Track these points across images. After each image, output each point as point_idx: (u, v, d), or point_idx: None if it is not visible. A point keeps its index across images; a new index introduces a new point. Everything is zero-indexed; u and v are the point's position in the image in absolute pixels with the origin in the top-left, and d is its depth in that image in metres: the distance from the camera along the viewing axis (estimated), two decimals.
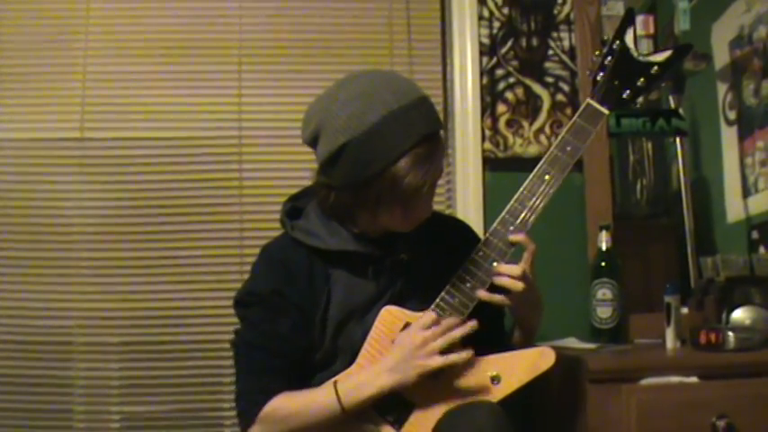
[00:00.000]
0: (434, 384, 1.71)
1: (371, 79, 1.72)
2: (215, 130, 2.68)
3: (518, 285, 1.72)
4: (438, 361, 1.66)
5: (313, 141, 1.75)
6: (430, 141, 1.68)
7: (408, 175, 1.65)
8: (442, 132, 1.78)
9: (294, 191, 1.98)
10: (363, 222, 1.80)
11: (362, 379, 1.71)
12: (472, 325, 1.69)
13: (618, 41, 1.78)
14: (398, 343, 1.71)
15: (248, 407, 1.75)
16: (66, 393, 2.56)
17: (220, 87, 2.70)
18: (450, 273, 1.76)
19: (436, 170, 1.71)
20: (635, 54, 1.77)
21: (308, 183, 1.92)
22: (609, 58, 1.78)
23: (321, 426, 1.71)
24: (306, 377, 1.79)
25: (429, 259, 1.85)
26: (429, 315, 1.71)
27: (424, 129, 1.68)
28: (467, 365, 1.71)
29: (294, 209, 1.91)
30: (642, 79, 1.76)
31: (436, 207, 2.10)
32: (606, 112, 1.76)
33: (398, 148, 1.65)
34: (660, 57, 1.77)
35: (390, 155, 1.65)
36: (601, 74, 1.78)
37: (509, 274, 1.73)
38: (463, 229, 2.06)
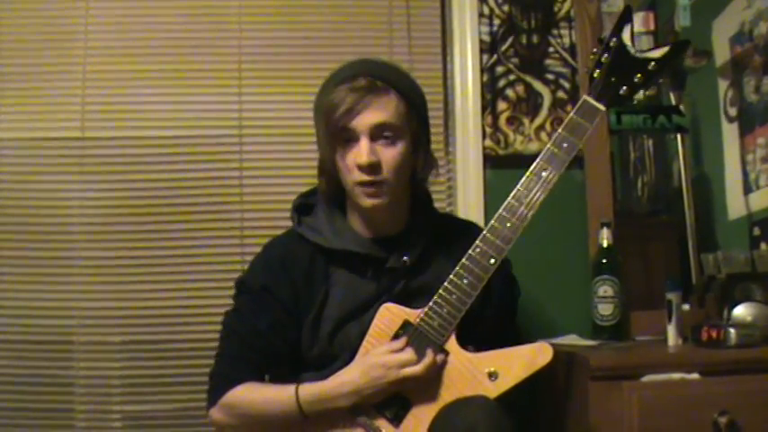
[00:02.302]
0: (432, 381, 1.72)
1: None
2: (215, 129, 2.68)
3: None
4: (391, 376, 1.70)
5: None
6: (361, 78, 1.79)
7: (330, 105, 1.77)
8: (395, 88, 1.82)
9: (294, 189, 2.02)
10: (339, 183, 1.87)
11: (324, 392, 1.74)
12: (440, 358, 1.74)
13: (615, 38, 1.78)
14: (365, 367, 1.73)
15: (214, 388, 1.84)
16: (68, 392, 2.56)
17: (221, 86, 2.69)
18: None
19: (362, 107, 1.77)
20: (632, 51, 1.77)
21: (309, 180, 1.95)
22: (606, 54, 1.78)
23: (280, 422, 1.77)
24: (289, 372, 1.84)
25: (434, 263, 1.87)
26: (400, 344, 1.73)
27: (356, 70, 1.82)
28: (464, 362, 1.72)
29: (304, 205, 1.95)
30: (639, 75, 1.75)
31: (438, 204, 2.10)
32: (603, 108, 1.76)
33: (330, 85, 1.81)
34: (657, 53, 1.76)
35: (324, 93, 1.81)
36: (597, 71, 1.78)
37: None
38: (472, 231, 2.03)
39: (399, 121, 1.80)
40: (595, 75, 1.78)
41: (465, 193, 2.63)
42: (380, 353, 1.71)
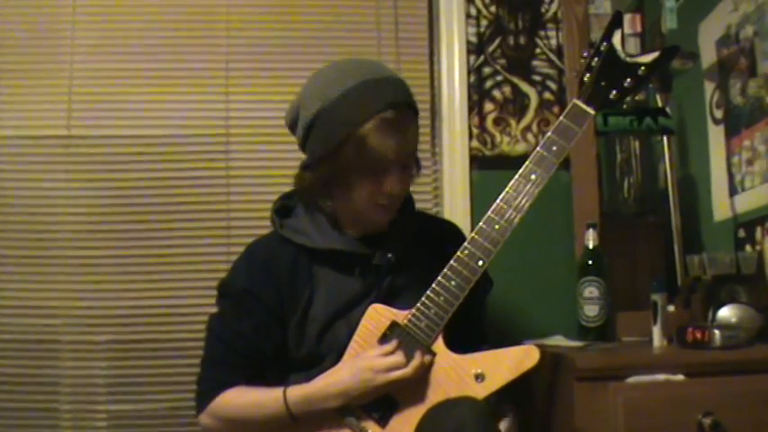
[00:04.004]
0: (419, 382, 1.72)
1: (350, 60, 1.85)
2: (202, 128, 2.67)
3: None
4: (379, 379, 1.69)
5: (292, 124, 1.86)
6: (398, 110, 1.74)
7: (373, 138, 1.72)
8: (416, 112, 1.83)
9: (281, 188, 2.01)
10: (339, 203, 1.84)
11: (312, 393, 1.74)
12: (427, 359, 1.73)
13: (605, 43, 1.79)
14: (354, 369, 1.73)
15: (202, 394, 1.84)
16: (53, 392, 2.55)
17: (208, 85, 2.69)
18: (437, 273, 1.76)
19: (404, 142, 1.76)
20: (622, 55, 1.78)
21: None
22: (596, 59, 1.79)
23: (270, 425, 1.77)
24: (276, 373, 1.84)
25: (416, 260, 1.87)
26: (391, 346, 1.72)
27: (392, 96, 1.75)
28: (451, 364, 1.73)
29: (284, 207, 1.94)
30: (629, 80, 1.76)
31: (424, 205, 2.11)
32: (592, 112, 1.76)
33: (365, 111, 1.72)
34: (647, 58, 1.77)
35: (357, 117, 1.72)
36: (588, 74, 1.79)
37: None
38: (452, 230, 2.07)
39: (417, 145, 1.84)
40: (585, 78, 1.79)
41: (451, 193, 2.63)
42: (370, 356, 1.71)
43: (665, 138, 2.52)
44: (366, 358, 1.72)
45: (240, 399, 1.80)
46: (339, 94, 1.75)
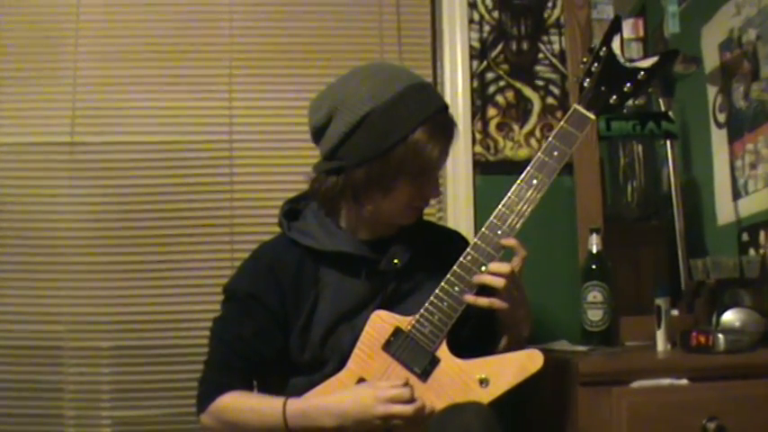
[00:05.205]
0: (423, 388, 1.72)
1: (383, 64, 1.89)
2: (206, 134, 2.67)
3: (498, 281, 1.73)
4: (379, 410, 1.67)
5: (324, 124, 1.80)
6: (445, 114, 1.80)
7: (429, 142, 1.74)
8: None
9: (285, 194, 2.02)
10: (369, 207, 1.82)
11: (310, 409, 1.73)
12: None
13: (604, 48, 1.80)
14: (357, 393, 1.72)
15: (203, 395, 1.85)
16: (57, 398, 2.55)
17: (212, 91, 2.69)
18: (441, 280, 1.76)
19: (449, 146, 1.81)
20: (621, 60, 1.79)
21: (300, 186, 1.95)
22: (595, 64, 1.79)
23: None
24: (278, 378, 1.86)
25: (421, 266, 1.88)
26: (400, 381, 1.71)
27: (440, 101, 1.80)
28: (455, 369, 1.73)
29: (292, 210, 1.95)
30: (629, 84, 1.77)
31: (427, 210, 2.11)
32: (593, 117, 1.77)
33: (420, 115, 1.74)
34: (646, 62, 1.78)
35: (412, 122, 1.73)
36: (587, 80, 1.80)
37: (497, 271, 1.73)
38: (456, 238, 2.07)
39: None
40: (585, 84, 1.80)
41: (455, 198, 2.63)
42: (377, 385, 1.71)
43: (668, 142, 2.53)
44: (371, 385, 1.71)
45: (239, 404, 1.80)
46: (390, 96, 1.74)
